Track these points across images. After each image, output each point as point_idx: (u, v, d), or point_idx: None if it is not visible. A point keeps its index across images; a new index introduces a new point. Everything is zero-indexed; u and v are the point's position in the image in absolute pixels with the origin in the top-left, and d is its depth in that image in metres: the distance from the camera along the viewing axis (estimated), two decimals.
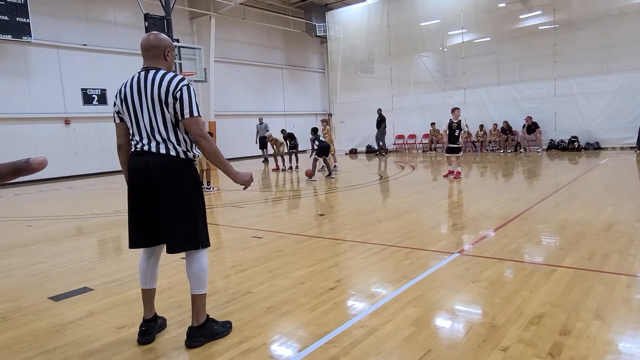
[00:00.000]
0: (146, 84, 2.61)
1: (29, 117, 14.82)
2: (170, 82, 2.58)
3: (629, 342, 2.48)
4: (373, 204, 7.76)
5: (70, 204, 10.04)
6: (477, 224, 5.59)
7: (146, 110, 2.61)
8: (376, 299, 3.28)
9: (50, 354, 2.68)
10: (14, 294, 3.82)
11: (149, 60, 2.72)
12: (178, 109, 2.57)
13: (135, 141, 2.67)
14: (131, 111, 2.65)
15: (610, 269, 3.63)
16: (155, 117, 2.60)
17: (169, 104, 2.57)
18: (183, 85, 2.58)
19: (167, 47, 2.75)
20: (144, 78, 2.64)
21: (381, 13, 20.36)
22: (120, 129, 2.77)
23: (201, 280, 2.73)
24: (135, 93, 2.63)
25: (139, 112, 2.63)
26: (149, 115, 2.61)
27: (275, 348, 2.62)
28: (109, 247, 5.67)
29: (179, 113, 2.58)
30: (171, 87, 2.56)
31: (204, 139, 2.62)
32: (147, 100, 2.60)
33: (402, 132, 20.43)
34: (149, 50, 2.72)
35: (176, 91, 2.56)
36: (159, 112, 2.59)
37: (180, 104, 2.56)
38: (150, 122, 2.61)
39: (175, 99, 2.56)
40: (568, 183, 8.42)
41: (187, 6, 19.33)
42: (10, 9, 13.50)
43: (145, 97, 2.60)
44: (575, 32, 16.46)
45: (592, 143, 15.59)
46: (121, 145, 2.79)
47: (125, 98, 2.67)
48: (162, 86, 2.57)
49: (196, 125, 2.60)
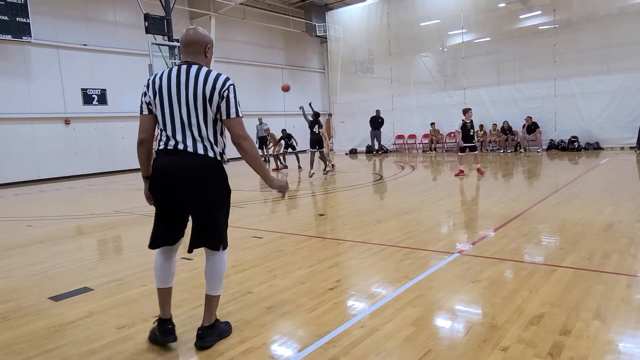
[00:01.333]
0: (188, 78, 2.51)
1: (29, 117, 14.82)
2: (217, 80, 2.50)
3: (629, 342, 2.48)
4: (373, 204, 7.77)
5: (70, 204, 10.04)
6: (477, 224, 5.59)
7: (185, 105, 2.50)
8: (376, 299, 3.28)
9: (50, 354, 2.68)
10: (14, 294, 3.82)
11: (189, 56, 2.62)
12: (223, 109, 2.51)
13: (167, 137, 2.54)
14: (166, 104, 2.53)
15: (610, 269, 3.63)
16: (196, 114, 2.50)
17: (212, 102, 2.49)
18: (230, 84, 2.53)
19: (208, 44, 2.66)
20: (185, 72, 2.53)
21: (381, 13, 20.35)
22: (146, 122, 2.64)
23: (220, 281, 2.71)
24: (173, 86, 2.52)
25: (176, 106, 2.52)
26: (187, 111, 2.50)
27: (275, 348, 2.62)
28: (109, 247, 5.67)
29: (223, 112, 2.52)
30: (218, 85, 2.49)
31: (247, 140, 2.56)
32: (187, 96, 2.49)
33: (402, 132, 20.43)
34: (190, 46, 2.61)
35: (223, 90, 2.50)
36: (201, 109, 2.50)
37: (226, 103, 2.50)
38: (188, 118, 2.51)
39: (222, 97, 2.50)
40: (568, 183, 8.42)
41: (187, 6, 19.34)
42: (10, 9, 13.50)
43: (186, 91, 2.49)
44: (575, 32, 16.47)
45: (592, 143, 15.59)
46: (144, 140, 2.66)
47: (160, 90, 2.55)
48: (208, 83, 2.49)
49: (240, 126, 2.55)
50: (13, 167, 14.35)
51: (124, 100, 16.86)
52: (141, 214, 7.51)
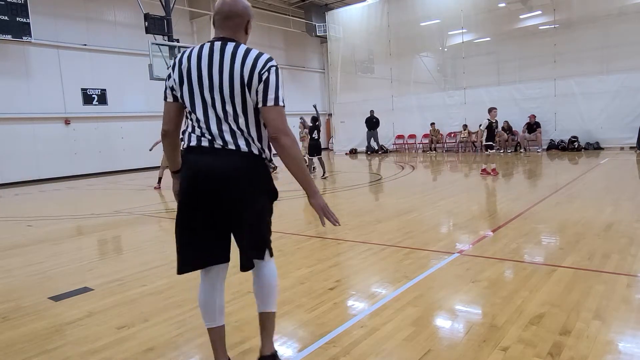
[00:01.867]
0: (223, 57, 2.05)
1: (29, 117, 14.82)
2: (258, 60, 2.05)
3: (629, 342, 2.48)
4: (373, 204, 7.77)
5: (70, 204, 10.04)
6: (477, 224, 5.59)
7: (218, 91, 2.05)
8: (376, 299, 3.28)
9: (50, 354, 2.68)
10: (14, 294, 3.82)
11: (225, 31, 2.13)
12: (260, 93, 2.04)
13: (199, 131, 2.09)
14: (196, 89, 2.08)
15: (610, 269, 3.63)
16: (232, 102, 2.06)
17: (252, 87, 2.04)
18: (272, 65, 2.07)
19: (250, 18, 2.19)
20: (219, 50, 2.07)
21: (381, 13, 20.36)
22: (171, 110, 2.21)
23: (275, 294, 2.30)
24: (205, 67, 2.06)
25: (208, 93, 2.06)
26: (222, 98, 2.05)
27: (276, 348, 2.62)
28: (109, 247, 5.67)
29: (260, 98, 2.05)
30: (258, 65, 2.04)
31: (287, 136, 2.07)
32: (222, 79, 2.04)
33: (402, 132, 20.43)
34: (231, 18, 2.12)
35: (263, 71, 2.04)
36: (239, 95, 2.05)
37: (264, 87, 2.04)
38: (223, 107, 2.06)
39: (260, 80, 2.03)
40: (568, 183, 8.42)
41: (187, 6, 19.34)
42: (10, 9, 13.50)
43: (221, 73, 2.04)
44: (575, 32, 16.46)
45: (592, 143, 15.59)
46: (168, 131, 2.24)
47: (189, 72, 2.09)
48: (247, 63, 2.03)
49: (280, 117, 2.07)
50: (13, 167, 14.34)
51: (124, 100, 16.88)
52: (141, 214, 7.51)
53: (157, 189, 10.95)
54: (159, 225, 6.87)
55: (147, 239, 5.82)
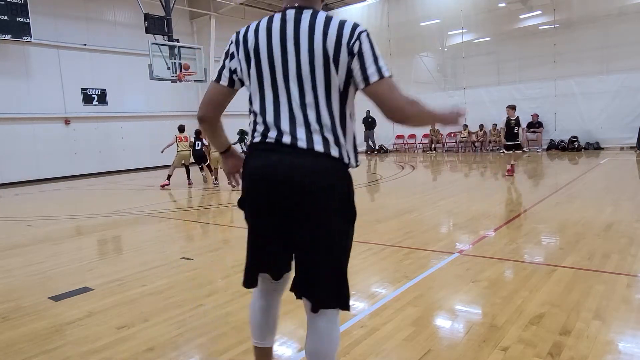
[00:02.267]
0: (299, 30, 1.63)
1: (29, 117, 14.81)
2: (342, 29, 1.60)
3: (629, 342, 2.48)
4: (373, 203, 7.77)
5: (70, 204, 10.04)
6: (477, 224, 5.58)
7: (295, 74, 1.64)
8: (376, 299, 3.28)
9: (50, 354, 2.68)
10: (14, 294, 3.82)
11: None
12: (358, 70, 1.60)
13: (266, 124, 1.70)
14: (266, 73, 1.68)
15: (610, 269, 3.63)
16: (313, 87, 1.64)
17: (339, 64, 1.61)
18: (361, 31, 1.61)
19: None
20: (293, 21, 1.65)
21: (381, 13, 20.37)
22: (220, 94, 1.81)
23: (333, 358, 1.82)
24: (276, 43, 1.66)
25: (280, 77, 1.66)
26: (298, 82, 1.65)
27: (276, 348, 2.61)
28: (109, 247, 5.67)
29: (358, 77, 1.61)
30: (344, 35, 1.59)
31: (412, 106, 1.60)
32: (299, 58, 1.63)
33: (402, 132, 20.44)
34: None
35: (352, 42, 1.59)
36: (321, 78, 1.62)
37: (359, 61, 1.59)
38: (300, 95, 1.65)
39: (352, 54, 1.59)
40: (568, 183, 8.42)
41: (187, 6, 19.33)
42: (10, 9, 13.49)
43: (297, 52, 1.63)
44: (575, 32, 16.46)
45: (592, 143, 15.59)
46: (206, 116, 1.83)
47: (257, 51, 1.69)
48: (329, 34, 1.60)
49: (393, 91, 1.59)
50: (13, 167, 14.34)
51: (124, 100, 16.87)
52: (141, 214, 7.51)
53: (164, 186, 10.98)
54: (159, 225, 6.86)
55: (147, 239, 5.82)
